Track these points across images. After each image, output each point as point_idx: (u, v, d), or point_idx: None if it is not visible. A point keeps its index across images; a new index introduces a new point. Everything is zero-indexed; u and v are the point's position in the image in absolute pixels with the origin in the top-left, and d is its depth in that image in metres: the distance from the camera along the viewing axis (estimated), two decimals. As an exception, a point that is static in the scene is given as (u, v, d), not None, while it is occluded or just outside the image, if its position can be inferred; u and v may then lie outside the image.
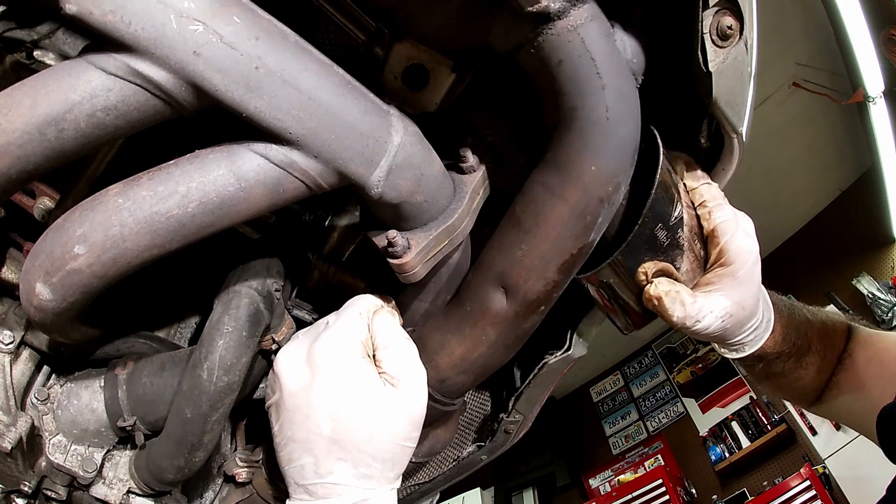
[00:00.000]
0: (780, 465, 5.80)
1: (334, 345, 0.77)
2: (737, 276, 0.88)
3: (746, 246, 0.89)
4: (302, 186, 0.71)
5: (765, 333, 1.00)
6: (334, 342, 0.77)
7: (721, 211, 0.89)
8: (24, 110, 0.61)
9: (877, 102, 4.67)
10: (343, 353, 0.76)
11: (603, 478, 7.18)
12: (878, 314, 5.55)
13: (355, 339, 0.78)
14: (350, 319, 0.81)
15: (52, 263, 0.67)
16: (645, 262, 0.87)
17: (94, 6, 0.58)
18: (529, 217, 0.77)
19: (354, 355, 0.76)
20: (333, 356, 0.76)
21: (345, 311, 0.83)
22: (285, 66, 0.65)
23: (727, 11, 0.76)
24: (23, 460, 0.85)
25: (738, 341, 0.97)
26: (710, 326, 0.89)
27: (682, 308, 0.86)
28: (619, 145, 0.72)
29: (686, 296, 0.87)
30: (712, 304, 0.88)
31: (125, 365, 0.95)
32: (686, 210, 0.88)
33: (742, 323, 0.92)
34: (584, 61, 0.68)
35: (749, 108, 0.82)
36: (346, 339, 0.78)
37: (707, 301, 0.88)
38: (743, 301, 0.90)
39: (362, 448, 0.72)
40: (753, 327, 0.96)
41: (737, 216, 0.90)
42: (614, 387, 8.00)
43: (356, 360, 0.76)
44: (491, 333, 0.81)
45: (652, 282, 0.87)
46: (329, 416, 0.73)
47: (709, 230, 0.90)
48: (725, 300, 0.88)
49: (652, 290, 0.87)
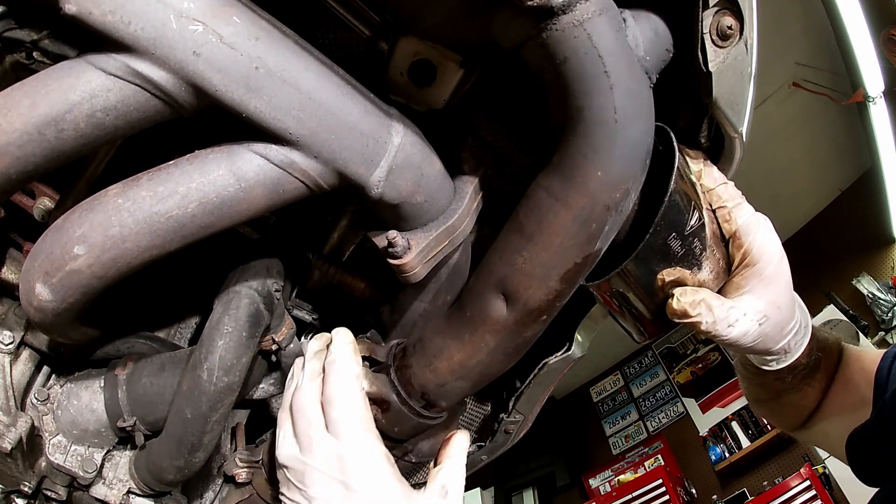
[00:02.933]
0: (780, 465, 5.80)
1: (365, 464, 0.75)
2: (764, 273, 0.83)
3: (771, 242, 0.85)
4: (302, 187, 0.71)
5: (805, 338, 0.95)
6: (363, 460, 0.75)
7: (741, 210, 0.86)
8: (23, 110, 0.61)
9: (877, 102, 4.67)
10: (376, 473, 0.75)
11: (603, 478, 7.18)
12: (878, 314, 5.54)
13: (379, 452, 0.77)
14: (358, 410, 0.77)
15: (52, 264, 0.67)
16: (661, 272, 0.83)
17: (93, 6, 0.58)
18: (532, 223, 0.73)
19: (386, 470, 0.76)
20: (368, 477, 0.75)
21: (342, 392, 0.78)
22: (285, 66, 0.65)
23: (727, 11, 0.75)
24: (23, 460, 0.85)
25: (780, 347, 0.91)
26: (747, 332, 0.84)
27: (711, 313, 0.82)
28: (629, 149, 0.67)
29: (713, 300, 0.82)
30: (744, 307, 0.83)
31: (125, 365, 0.95)
32: (706, 213, 0.84)
33: (782, 325, 0.88)
34: (590, 58, 0.64)
35: (749, 108, 0.81)
36: (373, 453, 0.76)
37: (738, 304, 0.83)
38: (777, 300, 0.85)
39: None
40: (794, 330, 0.90)
41: (757, 214, 0.87)
42: (614, 387, 7.99)
43: (389, 476, 0.76)
44: (490, 341, 0.78)
45: (673, 295, 0.83)
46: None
47: (731, 232, 0.86)
48: (758, 301, 0.84)
49: (675, 305, 0.82)
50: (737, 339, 0.85)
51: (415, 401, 0.83)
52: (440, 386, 0.83)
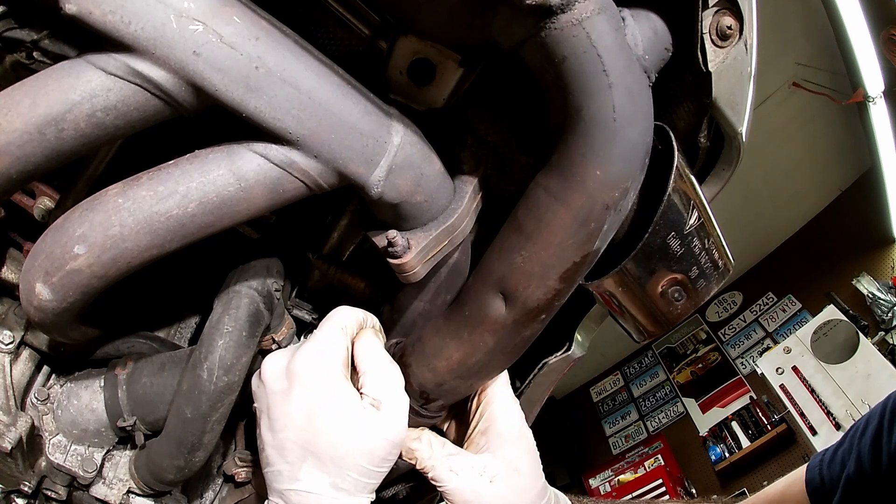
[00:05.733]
0: (780, 464, 5.80)
1: (313, 358, 0.77)
2: (504, 434, 0.85)
3: (516, 409, 0.89)
4: (302, 186, 0.71)
5: None
6: (313, 355, 0.77)
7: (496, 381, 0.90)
8: (23, 110, 0.61)
9: (877, 102, 4.68)
10: (320, 368, 0.76)
11: (603, 478, 7.18)
12: (878, 314, 5.55)
13: (334, 356, 0.78)
14: (331, 334, 0.80)
15: (52, 263, 0.67)
16: (657, 272, 0.84)
17: (93, 6, 0.58)
18: (531, 222, 0.73)
19: (331, 371, 0.76)
20: (311, 369, 0.76)
21: (326, 323, 0.82)
22: (285, 66, 0.65)
23: (727, 11, 0.75)
24: (23, 460, 0.85)
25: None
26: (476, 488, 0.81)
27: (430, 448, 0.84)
28: (627, 148, 0.67)
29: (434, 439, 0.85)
30: (474, 460, 0.84)
31: (125, 365, 0.95)
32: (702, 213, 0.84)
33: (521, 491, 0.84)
34: (589, 57, 0.63)
35: (749, 108, 0.81)
36: (324, 354, 0.77)
37: (466, 455, 0.84)
38: (516, 463, 0.85)
39: (339, 462, 0.73)
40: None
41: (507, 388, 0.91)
42: (614, 387, 8.00)
43: (332, 376, 0.76)
44: (489, 340, 0.78)
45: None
46: (303, 426, 0.74)
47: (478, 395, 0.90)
48: (493, 459, 0.84)
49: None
50: (461, 490, 0.81)
51: (414, 399, 0.83)
52: (439, 385, 0.83)
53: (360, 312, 0.86)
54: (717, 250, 0.87)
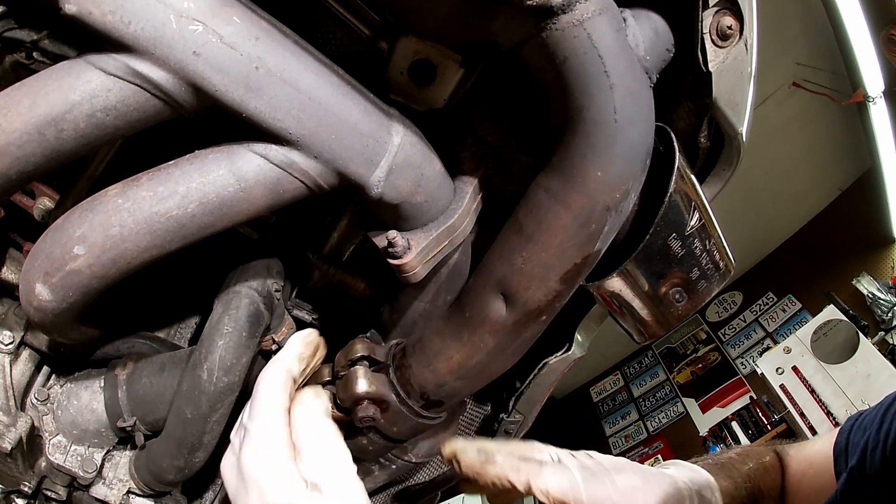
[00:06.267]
0: (779, 465, 5.80)
1: (255, 457, 0.73)
2: None
3: None
4: (302, 187, 0.71)
5: None
6: (255, 454, 0.73)
7: None
8: (23, 110, 0.61)
9: (877, 102, 4.67)
10: (264, 467, 0.72)
11: (603, 478, 7.17)
12: (878, 314, 5.54)
13: (276, 446, 0.74)
14: (267, 420, 0.75)
15: (52, 264, 0.67)
16: (658, 274, 0.84)
17: (93, 6, 0.58)
18: (532, 223, 0.73)
19: (275, 466, 0.73)
20: (256, 470, 0.72)
21: (258, 403, 0.76)
22: (285, 66, 0.65)
23: (727, 11, 0.75)
24: (23, 460, 0.85)
25: None
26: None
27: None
28: (628, 149, 0.67)
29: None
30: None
31: (125, 365, 0.95)
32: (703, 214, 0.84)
33: None
34: (590, 58, 0.63)
35: (749, 108, 0.81)
36: (265, 449, 0.73)
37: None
38: None
39: None
40: None
41: None
42: (614, 387, 7.99)
43: (278, 470, 0.72)
44: (489, 341, 0.78)
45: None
46: None
47: None
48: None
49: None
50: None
51: (414, 401, 0.83)
52: (439, 386, 0.83)
53: (292, 357, 0.80)
54: (718, 251, 0.87)
